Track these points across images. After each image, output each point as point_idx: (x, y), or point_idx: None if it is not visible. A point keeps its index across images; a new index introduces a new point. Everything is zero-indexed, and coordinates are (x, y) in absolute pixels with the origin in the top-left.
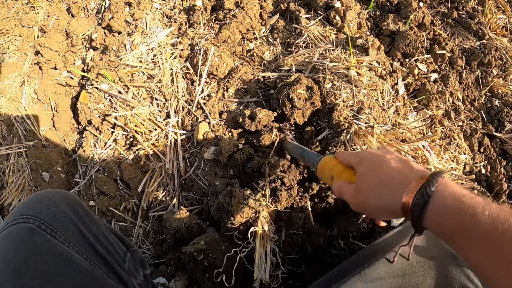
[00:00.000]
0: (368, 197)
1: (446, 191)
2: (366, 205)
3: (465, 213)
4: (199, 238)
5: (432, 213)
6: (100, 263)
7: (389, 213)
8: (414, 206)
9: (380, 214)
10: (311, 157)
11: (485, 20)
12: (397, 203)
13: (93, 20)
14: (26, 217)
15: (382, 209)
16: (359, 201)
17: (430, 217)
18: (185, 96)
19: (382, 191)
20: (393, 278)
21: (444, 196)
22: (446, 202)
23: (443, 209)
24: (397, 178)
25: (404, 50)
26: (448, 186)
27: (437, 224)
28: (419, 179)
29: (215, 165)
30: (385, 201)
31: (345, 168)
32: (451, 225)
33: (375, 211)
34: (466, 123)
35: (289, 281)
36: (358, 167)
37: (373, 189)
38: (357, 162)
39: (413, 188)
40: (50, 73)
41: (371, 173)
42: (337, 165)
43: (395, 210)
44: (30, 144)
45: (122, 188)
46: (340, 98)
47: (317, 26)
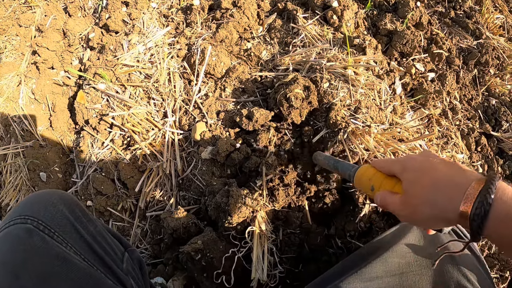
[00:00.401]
0: (420, 206)
1: (506, 196)
2: (419, 215)
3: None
4: (197, 238)
5: (493, 222)
6: (98, 263)
7: (444, 222)
8: (473, 216)
9: (434, 224)
10: (346, 167)
11: (482, 19)
12: (453, 212)
13: (90, 19)
14: (24, 218)
15: (436, 218)
16: (409, 211)
17: (492, 227)
18: (182, 96)
19: (435, 199)
20: (390, 277)
21: (505, 203)
22: (508, 210)
23: (505, 219)
24: (451, 184)
25: (401, 49)
26: (507, 191)
27: (498, 233)
28: (475, 184)
29: (213, 165)
30: (440, 210)
31: (386, 177)
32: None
33: (428, 220)
34: (463, 122)
35: (286, 280)
36: (403, 176)
37: (425, 197)
38: (400, 171)
39: (471, 195)
40: (47, 73)
41: (420, 180)
42: (376, 174)
43: (451, 219)
44: (27, 144)
45: (119, 188)
46: (337, 98)
47: (315, 26)
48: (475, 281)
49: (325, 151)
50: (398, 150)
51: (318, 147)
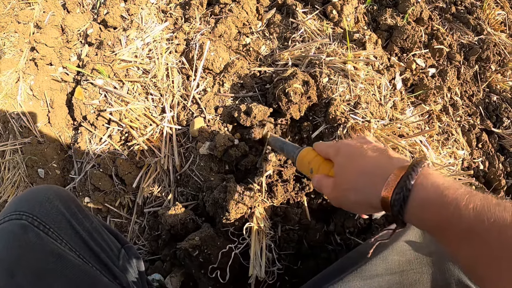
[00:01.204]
0: (346, 191)
1: (427, 182)
2: (345, 199)
3: (448, 207)
4: (194, 234)
5: (413, 208)
6: (94, 260)
7: (369, 208)
8: (394, 201)
9: (360, 209)
10: (291, 149)
11: (483, 15)
12: (376, 197)
13: (88, 15)
14: (19, 214)
15: (361, 204)
16: (337, 195)
17: (412, 212)
18: (180, 91)
19: (360, 185)
20: (390, 275)
21: (425, 188)
22: (428, 195)
23: (425, 203)
24: (375, 170)
25: (402, 44)
26: (430, 177)
27: (419, 219)
28: (398, 170)
29: (211, 160)
30: (364, 195)
31: (324, 160)
32: (434, 220)
33: (354, 205)
34: (464, 118)
35: (285, 277)
36: (335, 159)
37: (351, 182)
38: (334, 154)
39: (392, 181)
40: (46, 69)
41: (348, 166)
42: (316, 157)
43: (374, 204)
44: (25, 140)
45: (117, 184)
46: (337, 93)
47: (314, 21)
48: None
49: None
50: (398, 146)
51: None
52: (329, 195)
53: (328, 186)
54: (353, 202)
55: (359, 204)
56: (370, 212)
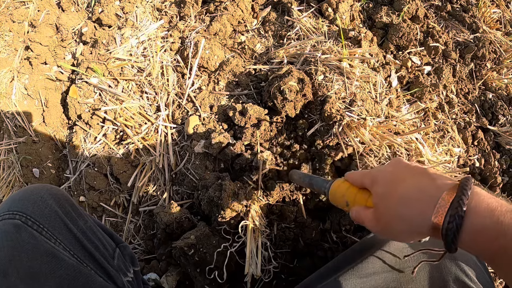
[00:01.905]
0: (391, 222)
1: (480, 207)
2: (391, 230)
3: (506, 234)
4: (190, 233)
5: (467, 235)
6: (88, 259)
7: (418, 236)
8: (446, 230)
9: (407, 238)
10: (320, 184)
11: (479, 13)
12: (425, 225)
13: (83, 14)
14: (12, 213)
15: (409, 233)
16: (381, 227)
17: (466, 239)
18: (175, 89)
19: (405, 214)
20: (387, 273)
21: (479, 215)
22: (484, 222)
23: (480, 231)
24: (420, 196)
25: (397, 42)
26: (481, 200)
27: (473, 246)
28: (446, 194)
29: (206, 159)
30: (411, 224)
31: (359, 191)
32: (490, 247)
33: (401, 235)
34: (459, 116)
35: (281, 275)
36: (373, 189)
37: (394, 212)
38: (370, 184)
39: (442, 208)
40: (40, 68)
41: (389, 195)
42: (349, 188)
43: (423, 232)
44: (20, 140)
45: (112, 183)
46: (332, 90)
47: (309, 18)
48: (474, 276)
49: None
50: (394, 143)
51: (313, 140)
52: (373, 228)
53: (370, 219)
54: (400, 231)
55: (407, 233)
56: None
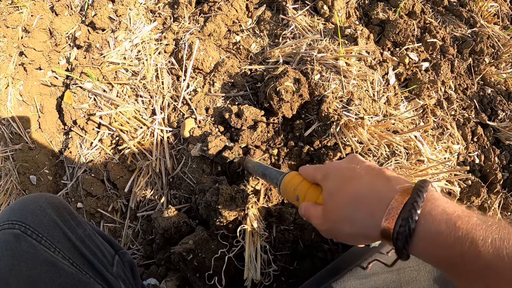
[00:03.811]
0: (338, 222)
1: (435, 211)
2: (337, 231)
3: (462, 242)
4: (188, 238)
5: (420, 241)
6: (87, 267)
7: (365, 240)
8: (397, 235)
9: (355, 241)
10: (274, 175)
11: (476, 7)
12: (374, 229)
13: (77, 17)
14: (12, 223)
15: (356, 236)
16: (328, 227)
17: (419, 246)
18: (170, 92)
19: (354, 215)
20: (387, 273)
21: (434, 219)
22: (438, 228)
23: (435, 237)
24: (371, 195)
25: (394, 39)
26: (437, 204)
27: (427, 253)
28: (399, 195)
29: (203, 162)
30: (359, 227)
31: (311, 186)
32: (445, 255)
33: (348, 238)
34: (458, 112)
35: (281, 277)
36: (324, 184)
37: (343, 212)
38: (321, 178)
39: (394, 210)
40: (35, 74)
41: (339, 191)
42: (302, 182)
43: (372, 236)
44: (16, 147)
45: (109, 188)
46: (329, 90)
47: (305, 17)
48: None
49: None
50: (393, 142)
51: (310, 140)
52: (319, 226)
53: (317, 216)
54: (347, 234)
55: (354, 235)
56: (367, 243)
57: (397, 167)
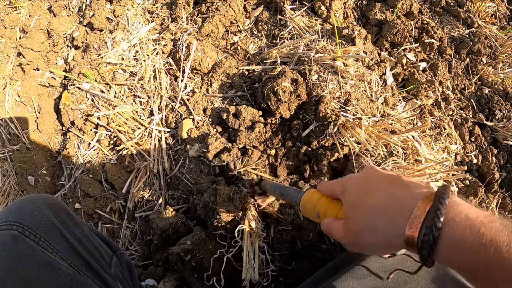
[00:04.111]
0: (360, 233)
1: (459, 217)
2: (361, 243)
3: (487, 249)
4: (186, 238)
5: (445, 249)
6: (85, 268)
7: (390, 249)
8: (422, 243)
9: (380, 251)
10: (292, 194)
11: (473, 8)
12: (398, 238)
13: (74, 18)
14: (9, 224)
15: (380, 246)
16: (351, 240)
17: (443, 253)
18: (168, 93)
19: (374, 223)
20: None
21: (458, 226)
22: (462, 235)
23: (459, 244)
24: (393, 205)
25: (392, 39)
26: (460, 210)
27: (452, 260)
28: (421, 203)
29: (200, 162)
30: (383, 237)
31: (331, 201)
32: (469, 262)
33: (372, 248)
34: (456, 112)
35: (279, 278)
36: (343, 198)
37: (363, 222)
38: (341, 192)
39: (417, 219)
40: (33, 75)
41: (359, 204)
42: (321, 198)
43: (396, 245)
44: (14, 148)
45: (107, 189)
46: (327, 90)
47: (302, 17)
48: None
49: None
50: (390, 143)
51: (308, 141)
52: (342, 240)
53: (339, 231)
54: (370, 244)
55: (378, 246)
56: (392, 252)
57: (394, 167)
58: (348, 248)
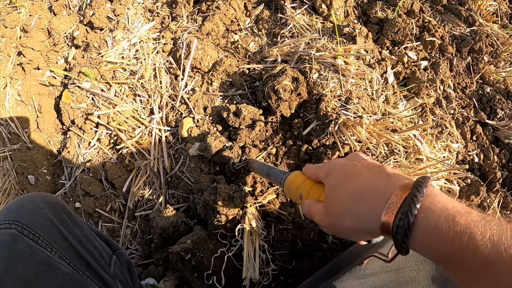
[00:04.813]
0: (339, 217)
1: (435, 206)
2: (338, 226)
3: (461, 236)
4: (186, 237)
5: (420, 235)
6: (84, 267)
7: (366, 234)
8: (397, 228)
9: (356, 236)
10: (278, 174)
11: (475, 6)
12: (374, 223)
13: (75, 17)
14: (8, 223)
15: (358, 230)
16: (329, 222)
17: (418, 240)
18: (168, 92)
19: (355, 209)
20: (386, 273)
21: (433, 214)
22: (437, 223)
23: (433, 231)
24: (373, 191)
25: (393, 37)
26: (437, 200)
27: (425, 247)
28: (399, 191)
29: (201, 161)
30: (360, 221)
31: (314, 184)
32: (444, 250)
33: (349, 232)
34: (457, 111)
35: (280, 277)
36: (326, 181)
37: (344, 207)
38: (324, 175)
39: (394, 204)
40: (33, 74)
41: (341, 188)
42: (305, 181)
43: (373, 230)
44: (14, 147)
45: (107, 188)
46: (328, 88)
47: (303, 15)
48: None
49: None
50: (391, 141)
51: (309, 139)
52: (321, 222)
53: (319, 213)
54: (348, 228)
55: (355, 230)
56: (368, 238)
57: (396, 165)
58: (325, 230)
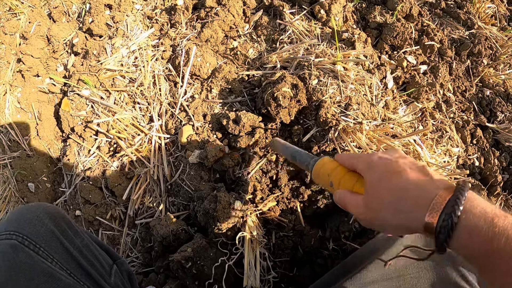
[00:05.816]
0: (381, 212)
1: (475, 209)
2: (378, 221)
3: (499, 238)
4: (187, 245)
5: (460, 236)
6: (85, 278)
7: (406, 231)
8: (440, 228)
9: (396, 231)
10: (305, 158)
11: (473, 9)
12: (418, 222)
13: (74, 24)
14: (9, 233)
15: (399, 227)
16: (370, 216)
17: (459, 240)
18: (168, 99)
19: (398, 206)
20: (387, 281)
21: (474, 215)
22: (477, 224)
23: (474, 232)
24: (418, 190)
25: (392, 42)
26: (476, 203)
27: (465, 247)
28: (443, 192)
29: (201, 169)
30: (402, 218)
31: (347, 173)
32: (483, 249)
33: (390, 228)
34: (457, 114)
35: (281, 284)
36: (367, 175)
37: (389, 202)
38: (365, 168)
39: (438, 205)
40: (33, 81)
41: (383, 183)
42: (337, 168)
43: (414, 228)
44: (14, 154)
45: (107, 196)
46: (327, 95)
47: (302, 21)
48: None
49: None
50: (392, 147)
51: (309, 146)
52: (360, 215)
53: (357, 205)
54: (389, 224)
55: (397, 227)
56: (407, 234)
57: None
58: (362, 223)
